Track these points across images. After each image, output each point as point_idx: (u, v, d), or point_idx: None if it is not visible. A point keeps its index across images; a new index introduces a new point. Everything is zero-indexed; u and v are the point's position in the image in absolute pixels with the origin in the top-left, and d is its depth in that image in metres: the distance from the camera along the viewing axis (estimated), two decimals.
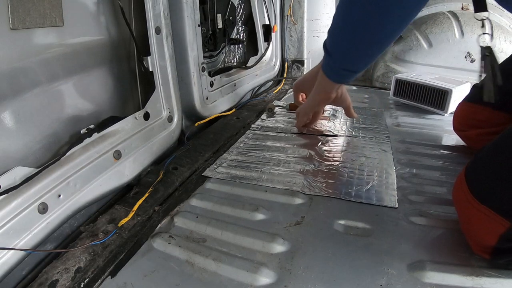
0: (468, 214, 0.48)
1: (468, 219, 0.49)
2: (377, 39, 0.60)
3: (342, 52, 0.67)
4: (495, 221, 0.44)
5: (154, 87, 0.77)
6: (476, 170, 0.49)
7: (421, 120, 1.05)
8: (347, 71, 0.70)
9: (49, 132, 0.58)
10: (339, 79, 0.76)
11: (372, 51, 0.63)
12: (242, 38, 1.31)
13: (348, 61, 0.68)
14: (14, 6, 0.48)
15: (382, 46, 0.62)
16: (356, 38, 0.61)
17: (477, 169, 0.49)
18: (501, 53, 1.23)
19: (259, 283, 0.45)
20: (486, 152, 0.49)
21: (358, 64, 0.68)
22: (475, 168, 0.50)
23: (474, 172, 0.49)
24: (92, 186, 0.60)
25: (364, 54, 0.64)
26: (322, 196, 0.64)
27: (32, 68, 0.54)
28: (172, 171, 0.74)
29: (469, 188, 0.48)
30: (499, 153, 0.48)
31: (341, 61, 0.68)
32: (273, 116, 1.10)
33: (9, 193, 0.46)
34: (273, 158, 0.80)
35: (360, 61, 0.67)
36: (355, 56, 0.66)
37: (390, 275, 0.46)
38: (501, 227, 0.43)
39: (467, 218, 0.49)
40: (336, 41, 0.66)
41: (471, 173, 0.49)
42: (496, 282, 0.44)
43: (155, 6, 0.74)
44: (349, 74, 0.71)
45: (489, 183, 0.46)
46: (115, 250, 0.52)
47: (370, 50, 0.63)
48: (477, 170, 0.49)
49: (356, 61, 0.67)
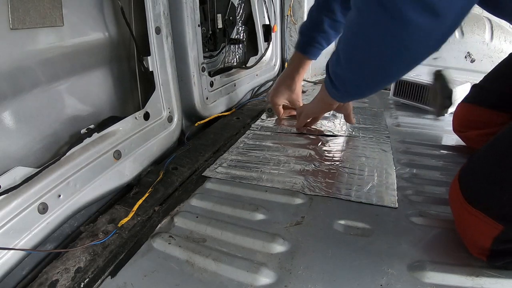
0: (463, 217, 0.49)
1: (463, 222, 0.49)
2: (390, 76, 0.58)
3: (350, 86, 0.66)
4: (489, 225, 0.44)
5: (154, 87, 0.77)
6: (469, 174, 0.50)
7: (421, 120, 1.05)
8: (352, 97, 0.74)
9: (49, 132, 0.58)
10: (344, 101, 0.78)
11: (383, 85, 0.62)
12: (242, 38, 1.31)
13: (354, 94, 0.69)
14: (14, 6, 0.48)
15: (393, 80, 0.61)
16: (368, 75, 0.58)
17: (470, 173, 0.50)
18: (501, 53, 1.23)
19: (259, 283, 0.45)
20: (478, 156, 0.50)
21: (364, 94, 0.71)
22: (468, 172, 0.50)
23: (466, 176, 0.50)
24: (92, 186, 0.60)
25: (373, 88, 0.64)
26: (322, 196, 0.64)
27: (32, 68, 0.54)
28: (172, 171, 0.74)
29: (462, 191, 0.48)
30: (489, 157, 0.48)
31: (348, 93, 0.68)
32: (273, 116, 1.10)
33: (9, 193, 0.46)
34: (273, 158, 0.80)
35: (367, 93, 0.69)
36: (363, 90, 0.66)
37: (390, 275, 0.46)
38: (495, 230, 0.44)
39: (462, 221, 0.49)
40: (344, 75, 0.64)
41: (464, 177, 0.50)
42: (496, 282, 0.44)
43: (155, 6, 0.73)
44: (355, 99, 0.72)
45: (481, 187, 0.47)
46: (115, 250, 0.52)
47: (382, 85, 0.62)
48: (470, 174, 0.50)
49: (362, 93, 0.68)
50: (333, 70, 0.66)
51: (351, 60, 0.58)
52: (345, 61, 0.59)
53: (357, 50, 0.55)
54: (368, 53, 0.53)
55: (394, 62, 0.51)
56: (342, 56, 0.59)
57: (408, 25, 0.43)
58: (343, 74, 0.63)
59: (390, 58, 0.50)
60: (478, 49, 1.25)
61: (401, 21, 0.43)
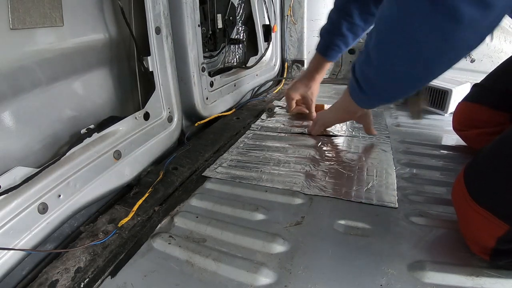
0: (467, 216, 0.48)
1: (467, 220, 0.49)
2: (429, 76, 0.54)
3: (381, 89, 0.62)
4: (494, 224, 0.44)
5: (154, 87, 0.77)
6: (475, 172, 0.49)
7: (421, 120, 1.05)
8: (381, 102, 0.70)
9: (49, 132, 0.58)
10: (371, 107, 0.75)
11: (418, 86, 0.60)
12: (242, 38, 1.31)
13: (385, 97, 0.65)
14: (14, 6, 0.48)
15: (430, 80, 0.57)
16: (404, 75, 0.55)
17: (476, 171, 0.49)
18: (500, 53, 1.23)
19: (259, 283, 0.45)
20: (485, 154, 0.49)
21: (395, 98, 0.65)
22: (474, 170, 0.50)
23: (472, 174, 0.49)
24: (92, 186, 0.60)
25: (406, 91, 0.61)
26: (322, 196, 0.64)
27: (32, 68, 0.54)
28: (172, 171, 0.74)
29: (468, 190, 0.48)
30: (497, 155, 0.47)
31: (377, 96, 0.65)
32: (273, 116, 1.10)
33: (9, 193, 0.46)
34: (273, 158, 0.80)
35: (399, 96, 0.65)
36: (395, 93, 0.62)
37: (390, 275, 0.46)
38: (500, 230, 0.43)
39: (466, 220, 0.49)
40: (375, 76, 0.60)
41: (470, 175, 0.49)
42: (496, 282, 0.44)
43: (155, 6, 0.74)
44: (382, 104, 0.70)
45: (488, 185, 0.46)
46: (115, 250, 0.52)
47: (416, 86, 0.59)
48: (476, 172, 0.49)
49: (394, 96, 0.64)
50: (361, 70, 0.62)
51: (385, 59, 0.55)
52: (377, 61, 0.56)
53: (393, 48, 0.52)
54: (407, 51, 0.50)
55: (437, 59, 0.48)
56: (373, 55, 0.56)
57: (460, 19, 0.41)
58: (374, 75, 0.59)
59: (433, 55, 0.48)
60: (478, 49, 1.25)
61: (452, 14, 0.41)
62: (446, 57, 0.48)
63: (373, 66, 0.58)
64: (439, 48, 0.46)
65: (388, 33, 0.52)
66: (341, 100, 0.81)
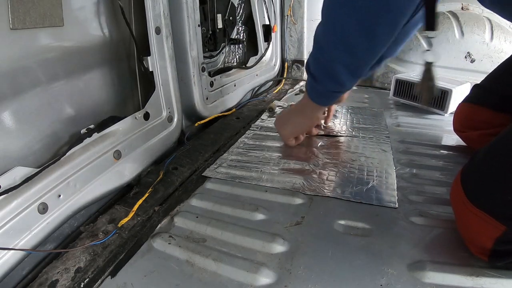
0: (465, 217, 0.48)
1: (465, 222, 0.49)
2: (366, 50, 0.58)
3: (328, 72, 0.64)
4: (491, 225, 0.44)
5: (154, 87, 0.77)
6: (471, 174, 0.50)
7: (421, 120, 1.05)
8: (335, 92, 0.67)
9: (49, 132, 0.58)
10: (328, 102, 0.73)
11: (371, 56, 0.60)
12: (242, 38, 1.31)
13: (340, 80, 0.64)
14: (14, 6, 0.48)
15: (372, 56, 0.60)
16: (343, 52, 0.59)
17: (472, 173, 0.50)
18: (501, 53, 1.23)
19: (259, 283, 0.45)
20: (481, 155, 0.49)
21: (346, 82, 0.64)
22: (470, 172, 0.50)
23: (469, 176, 0.50)
24: (92, 186, 0.60)
25: (361, 67, 0.62)
26: (322, 196, 0.64)
27: (32, 68, 0.54)
28: (172, 171, 0.74)
29: (465, 191, 0.48)
30: (492, 157, 0.48)
31: (333, 81, 0.65)
32: (274, 116, 1.10)
33: (9, 193, 0.46)
34: (273, 158, 0.80)
35: (355, 74, 0.64)
36: (350, 71, 0.62)
37: (390, 275, 0.46)
38: (497, 231, 0.44)
39: (464, 221, 0.49)
40: (321, 61, 0.63)
41: (466, 177, 0.50)
42: (496, 282, 0.44)
43: (155, 6, 0.74)
44: (337, 94, 0.69)
45: (484, 187, 0.47)
46: (115, 250, 0.52)
47: (370, 56, 0.60)
48: (472, 173, 0.50)
49: (350, 75, 0.63)
50: (313, 61, 0.65)
51: (332, 37, 0.58)
52: (326, 43, 0.59)
53: (337, 25, 0.56)
54: (350, 23, 0.54)
55: (379, 24, 0.53)
56: (322, 39, 0.60)
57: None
58: (327, 58, 0.62)
59: (374, 20, 0.52)
60: (478, 49, 1.25)
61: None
62: (386, 19, 0.52)
63: (324, 51, 0.61)
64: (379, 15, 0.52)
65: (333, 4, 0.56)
66: (300, 107, 0.79)
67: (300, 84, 1.53)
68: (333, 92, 0.68)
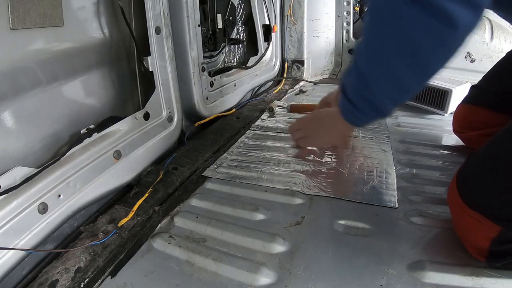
0: (461, 218, 0.49)
1: (461, 223, 0.49)
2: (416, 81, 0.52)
3: (370, 103, 0.57)
4: (486, 226, 0.44)
5: (154, 87, 0.77)
6: (466, 176, 0.50)
7: (421, 120, 1.05)
8: (376, 119, 0.62)
9: (49, 132, 0.58)
10: (367, 124, 0.68)
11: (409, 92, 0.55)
12: (242, 38, 1.31)
13: (377, 111, 0.59)
14: (14, 6, 0.48)
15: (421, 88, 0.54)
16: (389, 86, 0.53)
17: (467, 175, 0.50)
18: (500, 53, 1.22)
19: (259, 283, 0.45)
20: (475, 157, 0.50)
21: (389, 112, 0.59)
22: (465, 174, 0.50)
23: (464, 178, 0.50)
24: (92, 186, 0.60)
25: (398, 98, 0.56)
26: (322, 196, 0.64)
27: (32, 68, 0.54)
28: (172, 171, 0.74)
29: (460, 193, 0.48)
30: (487, 158, 0.48)
31: (369, 112, 0.59)
32: (273, 116, 1.10)
33: (9, 193, 0.46)
34: (273, 158, 0.80)
35: (391, 105, 0.58)
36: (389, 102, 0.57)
37: (390, 275, 0.46)
38: (493, 232, 0.44)
39: (460, 223, 0.49)
40: (363, 92, 0.57)
41: (462, 179, 0.50)
42: (496, 282, 0.44)
43: (155, 6, 0.74)
44: (378, 119, 0.64)
45: (479, 188, 0.47)
46: (115, 250, 0.52)
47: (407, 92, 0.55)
48: (467, 175, 0.50)
49: (388, 106, 0.58)
50: (354, 87, 0.58)
51: (378, 65, 0.52)
52: (370, 73, 0.53)
53: (387, 51, 0.49)
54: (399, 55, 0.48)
55: (436, 54, 0.47)
56: (365, 67, 0.54)
57: (455, 24, 0.41)
58: (370, 89, 0.55)
59: (428, 54, 0.46)
60: (478, 49, 1.25)
61: (447, 18, 0.41)
62: (441, 56, 0.48)
63: (365, 79, 0.55)
64: (435, 48, 0.46)
65: (381, 36, 0.50)
66: (330, 123, 0.73)
67: (300, 84, 1.53)
68: (371, 119, 0.64)
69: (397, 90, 0.54)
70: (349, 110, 0.62)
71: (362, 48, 0.54)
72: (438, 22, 0.42)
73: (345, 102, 0.62)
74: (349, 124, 0.65)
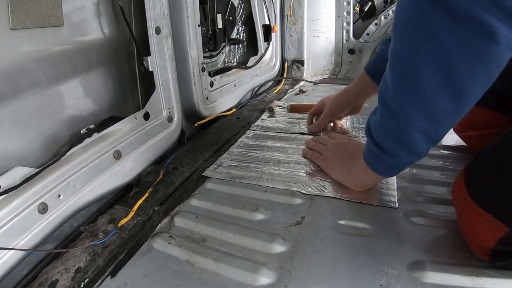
0: (467, 216, 0.48)
1: (467, 221, 0.49)
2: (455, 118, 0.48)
3: (401, 141, 0.51)
4: (494, 226, 0.44)
5: (154, 87, 0.77)
6: (475, 173, 0.49)
7: None
8: (407, 164, 0.56)
9: (49, 132, 0.58)
10: (395, 174, 0.61)
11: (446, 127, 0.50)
12: (242, 38, 1.31)
13: (409, 151, 0.53)
14: (14, 6, 0.48)
15: (458, 120, 0.49)
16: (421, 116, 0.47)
17: (476, 172, 0.49)
18: None
19: (259, 283, 0.45)
20: (485, 155, 0.48)
21: (423, 151, 0.53)
22: (474, 171, 0.49)
23: (473, 175, 0.49)
24: (92, 186, 0.60)
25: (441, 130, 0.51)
26: (322, 196, 0.64)
27: (32, 68, 0.54)
28: (172, 171, 0.74)
29: (468, 191, 0.47)
30: (497, 157, 0.47)
31: (399, 152, 0.53)
32: (274, 116, 1.10)
33: (9, 193, 0.46)
34: (273, 158, 0.80)
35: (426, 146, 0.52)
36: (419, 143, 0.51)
37: (390, 275, 0.46)
38: (500, 232, 0.43)
39: (466, 220, 0.49)
40: (390, 127, 0.51)
41: (470, 176, 0.49)
42: (496, 282, 0.44)
43: (155, 6, 0.74)
44: (409, 165, 0.57)
45: (488, 187, 0.46)
46: (115, 250, 0.52)
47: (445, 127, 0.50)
48: (476, 173, 0.49)
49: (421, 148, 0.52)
50: (381, 128, 0.53)
51: (407, 97, 0.47)
52: (398, 103, 0.48)
53: (418, 79, 0.45)
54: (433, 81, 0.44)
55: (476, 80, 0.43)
56: (392, 97, 0.49)
57: (497, 40, 0.38)
58: (399, 122, 0.50)
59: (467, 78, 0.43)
60: None
61: (488, 35, 0.38)
62: (481, 78, 0.44)
63: (392, 111, 0.49)
64: (475, 70, 0.42)
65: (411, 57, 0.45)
66: (356, 171, 0.64)
67: (300, 84, 1.53)
68: (405, 164, 0.56)
69: (429, 119, 0.48)
70: (376, 155, 0.56)
71: (388, 71, 0.49)
72: (478, 38, 0.39)
73: (370, 146, 0.56)
74: (376, 174, 0.59)
